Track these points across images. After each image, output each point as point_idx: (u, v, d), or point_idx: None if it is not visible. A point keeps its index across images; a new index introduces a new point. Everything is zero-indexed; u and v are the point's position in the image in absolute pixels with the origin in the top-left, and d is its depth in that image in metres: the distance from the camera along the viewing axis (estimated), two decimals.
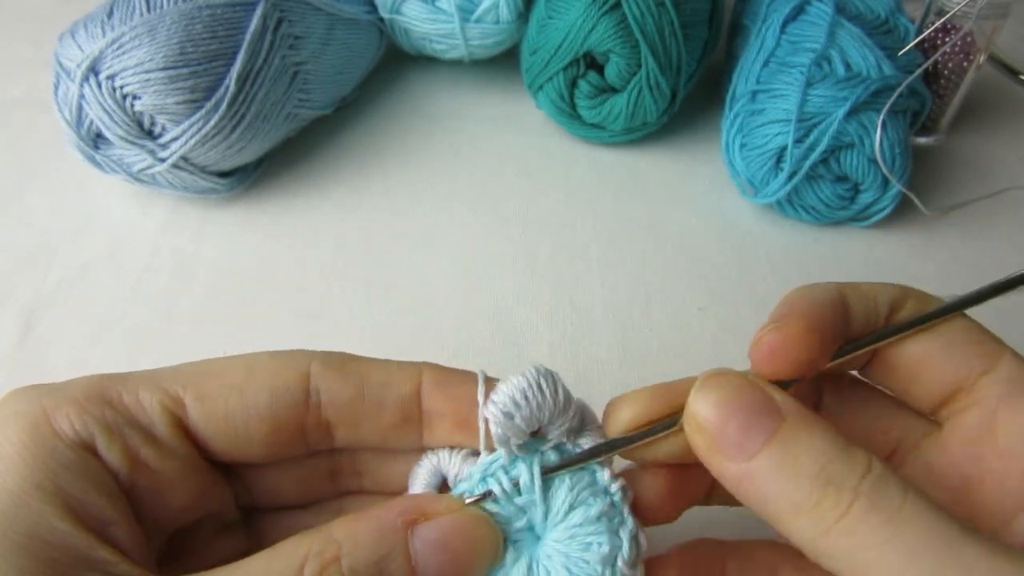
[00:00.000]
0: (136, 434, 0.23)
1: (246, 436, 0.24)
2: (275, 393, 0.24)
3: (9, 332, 0.44)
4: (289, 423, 0.25)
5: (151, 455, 0.23)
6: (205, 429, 0.24)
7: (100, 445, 0.23)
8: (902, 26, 0.51)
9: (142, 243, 0.49)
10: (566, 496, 0.25)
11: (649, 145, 0.56)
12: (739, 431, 0.22)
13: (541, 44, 0.52)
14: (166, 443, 0.24)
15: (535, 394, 0.25)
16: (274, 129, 0.51)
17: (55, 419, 0.22)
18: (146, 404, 0.24)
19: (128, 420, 0.23)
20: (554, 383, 0.25)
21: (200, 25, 0.45)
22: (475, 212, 0.52)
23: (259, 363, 0.25)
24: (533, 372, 0.25)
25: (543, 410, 0.25)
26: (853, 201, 0.49)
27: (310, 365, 0.25)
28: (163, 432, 0.24)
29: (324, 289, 0.47)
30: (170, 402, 0.24)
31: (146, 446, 0.23)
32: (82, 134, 0.46)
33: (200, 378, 0.25)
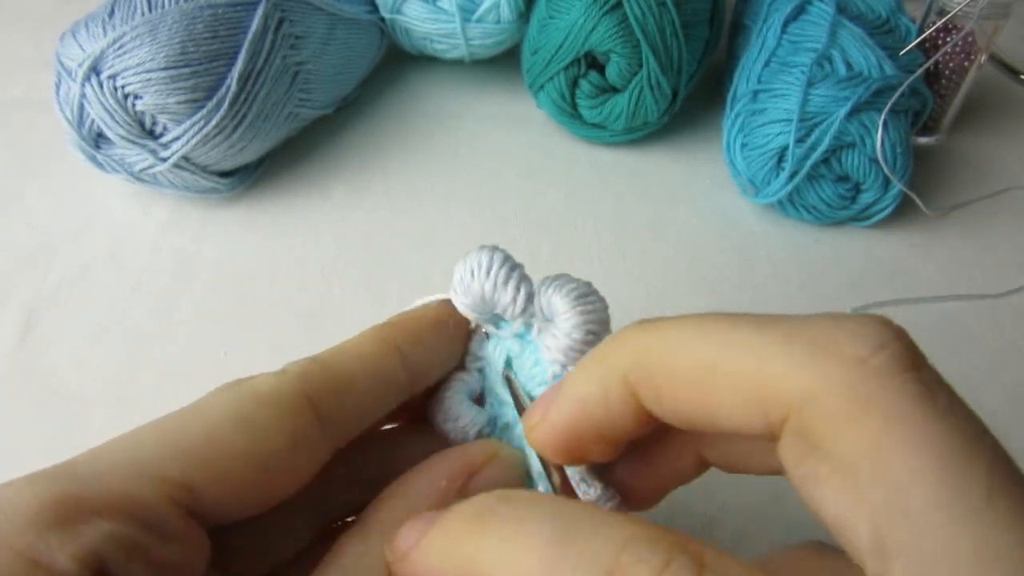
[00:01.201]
0: (151, 537, 0.19)
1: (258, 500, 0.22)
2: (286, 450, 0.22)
3: (9, 332, 0.44)
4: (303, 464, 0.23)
5: (166, 553, 0.20)
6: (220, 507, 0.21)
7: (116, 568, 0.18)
8: (903, 26, 0.51)
9: (143, 243, 0.49)
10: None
11: (650, 145, 0.56)
12: None
13: (542, 44, 0.52)
14: (179, 537, 0.20)
15: (466, 277, 0.25)
16: (275, 129, 0.51)
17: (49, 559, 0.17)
18: (151, 502, 0.19)
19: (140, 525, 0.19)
20: (488, 264, 0.25)
21: (201, 25, 0.45)
22: (475, 212, 0.52)
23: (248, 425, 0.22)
24: (472, 254, 0.25)
25: (476, 296, 0.25)
26: (854, 201, 0.49)
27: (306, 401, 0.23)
28: (176, 528, 0.20)
29: (324, 289, 0.47)
30: (179, 494, 0.20)
31: (161, 546, 0.19)
32: (83, 134, 0.46)
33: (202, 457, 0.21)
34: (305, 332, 0.44)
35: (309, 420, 0.22)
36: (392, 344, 0.25)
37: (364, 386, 0.24)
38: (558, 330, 0.24)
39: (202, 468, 0.20)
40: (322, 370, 0.24)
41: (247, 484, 0.21)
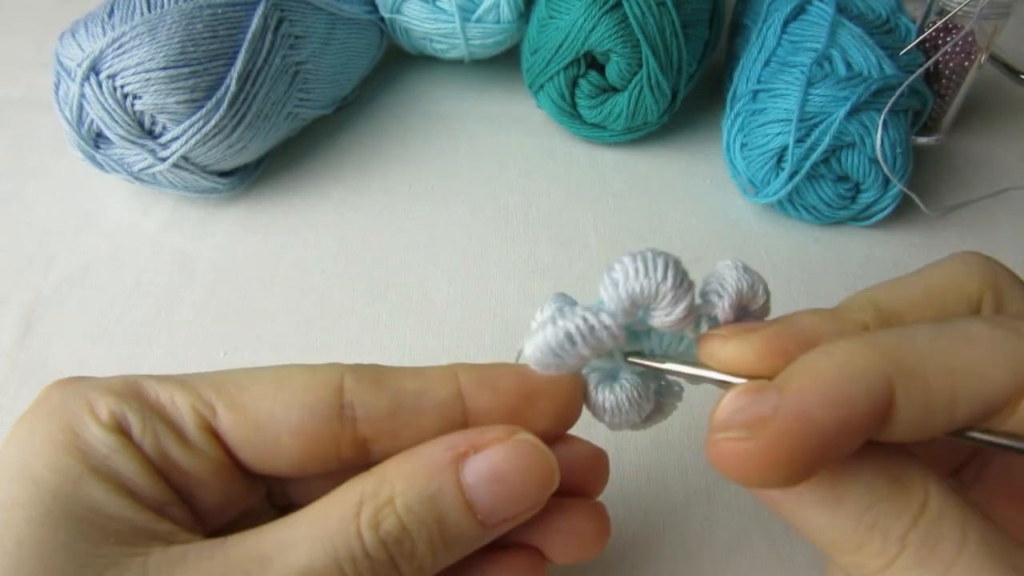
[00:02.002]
0: (167, 432, 0.23)
1: (276, 450, 0.24)
2: (308, 408, 0.24)
3: (9, 332, 0.44)
4: (323, 440, 0.24)
5: (180, 454, 0.23)
6: (235, 439, 0.24)
7: (135, 436, 0.23)
8: (903, 26, 0.51)
9: (142, 243, 0.49)
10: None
11: (650, 145, 0.56)
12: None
13: (542, 44, 0.52)
14: (196, 444, 0.23)
15: (653, 271, 0.24)
16: (274, 129, 0.51)
17: (97, 408, 0.23)
18: (179, 405, 0.24)
19: (161, 417, 0.23)
20: (677, 270, 0.24)
21: (201, 24, 0.45)
22: (475, 212, 0.52)
23: (292, 376, 0.24)
24: (661, 255, 0.24)
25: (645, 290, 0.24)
26: (854, 201, 0.49)
27: (343, 378, 0.24)
28: (193, 434, 0.23)
29: (324, 288, 0.47)
30: (202, 406, 0.24)
31: (176, 445, 0.23)
32: (83, 133, 0.46)
33: (233, 387, 0.24)
34: (305, 332, 0.44)
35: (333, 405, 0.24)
36: (453, 372, 0.26)
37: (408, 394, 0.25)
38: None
39: (229, 392, 0.24)
40: (371, 370, 0.25)
41: (270, 433, 0.23)
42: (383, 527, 0.21)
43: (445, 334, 0.44)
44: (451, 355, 0.43)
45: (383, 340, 0.44)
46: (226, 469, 0.24)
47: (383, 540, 0.21)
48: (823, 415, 0.18)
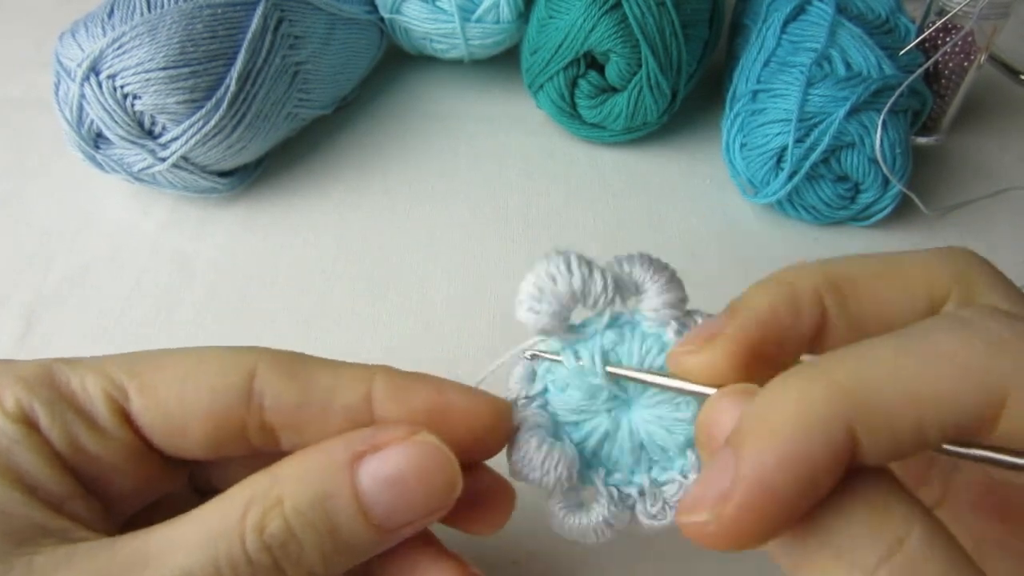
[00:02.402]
0: (77, 419, 0.23)
1: (184, 432, 0.24)
2: (216, 392, 0.23)
3: (9, 332, 0.44)
4: (229, 424, 0.24)
5: (91, 440, 0.23)
6: (145, 421, 0.23)
7: (43, 425, 0.22)
8: (903, 26, 0.51)
9: (142, 243, 0.49)
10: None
11: (649, 145, 0.56)
12: None
13: (541, 44, 0.52)
14: (107, 430, 0.23)
15: (547, 283, 0.24)
16: (274, 129, 0.51)
17: (3, 397, 0.22)
18: (90, 390, 0.23)
19: (70, 404, 0.23)
20: (567, 265, 0.24)
21: (200, 25, 0.45)
22: (475, 212, 0.52)
23: (206, 358, 0.24)
24: (543, 261, 0.25)
25: (565, 296, 0.24)
26: (853, 201, 0.49)
27: (256, 365, 0.24)
28: (104, 419, 0.23)
29: (324, 289, 0.47)
30: (114, 390, 0.23)
31: (86, 431, 0.23)
32: (82, 134, 0.46)
33: (147, 369, 0.24)
34: (305, 332, 0.44)
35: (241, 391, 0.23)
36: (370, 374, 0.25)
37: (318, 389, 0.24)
38: (656, 293, 0.25)
39: (141, 375, 0.23)
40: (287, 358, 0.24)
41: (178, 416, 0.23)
42: (268, 530, 0.20)
43: (445, 334, 0.44)
44: (451, 355, 0.43)
45: (383, 340, 0.44)
46: (140, 453, 0.24)
47: (267, 544, 0.20)
48: (783, 479, 0.17)
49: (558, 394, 0.26)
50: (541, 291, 0.24)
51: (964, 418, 0.17)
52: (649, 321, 0.25)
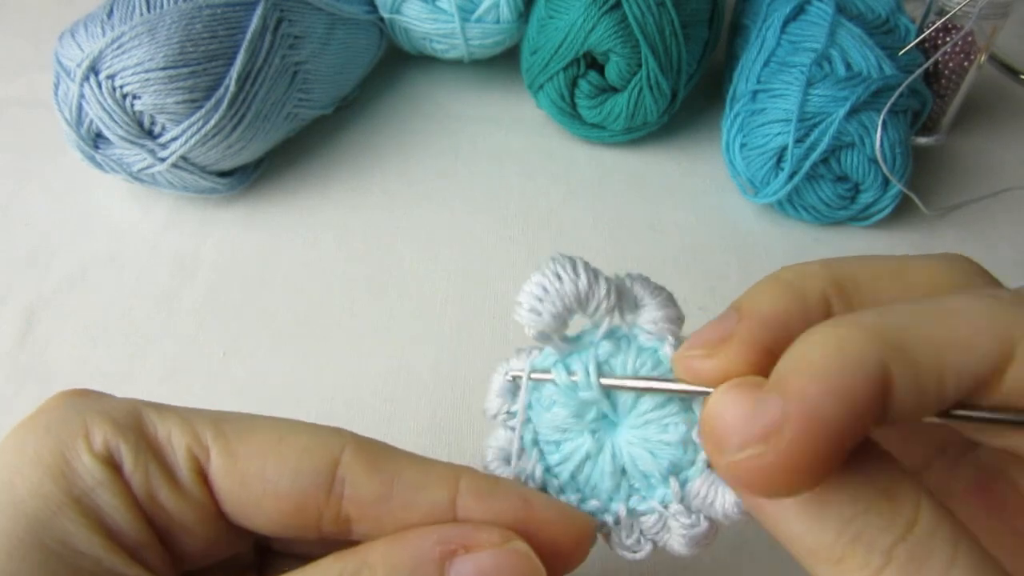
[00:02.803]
0: (159, 471, 0.22)
1: (258, 508, 0.23)
2: (299, 475, 0.23)
3: (9, 332, 0.44)
4: (306, 509, 0.23)
5: (169, 497, 0.22)
6: (222, 486, 0.23)
7: (126, 470, 0.22)
8: (903, 26, 0.51)
9: (142, 243, 0.49)
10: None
11: (649, 145, 0.56)
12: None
13: (541, 44, 0.52)
14: (186, 488, 0.23)
15: (553, 283, 0.24)
16: (274, 129, 0.51)
17: (92, 434, 0.22)
18: (174, 443, 0.23)
19: (154, 453, 0.22)
20: (573, 266, 0.24)
21: (200, 25, 0.45)
22: (475, 212, 0.52)
23: (292, 435, 0.23)
24: (548, 262, 0.24)
25: (566, 297, 0.24)
26: (853, 201, 0.49)
27: (343, 451, 0.23)
28: (184, 475, 0.23)
29: (324, 288, 0.47)
30: (197, 448, 0.23)
31: (166, 486, 0.22)
32: (82, 134, 0.46)
33: (232, 432, 0.23)
34: (305, 332, 0.44)
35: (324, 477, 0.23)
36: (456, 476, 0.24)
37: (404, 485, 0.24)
38: (656, 307, 0.25)
39: (226, 439, 0.23)
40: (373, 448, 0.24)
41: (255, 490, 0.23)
42: None
43: (445, 334, 0.44)
44: (451, 355, 0.43)
45: (383, 340, 0.44)
46: (213, 516, 0.23)
47: None
48: (832, 410, 0.17)
49: (542, 412, 0.25)
50: (545, 290, 0.24)
51: (978, 365, 0.18)
52: (646, 335, 0.24)
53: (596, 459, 0.24)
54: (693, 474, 0.24)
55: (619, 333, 0.25)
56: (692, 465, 0.24)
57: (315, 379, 0.42)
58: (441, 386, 0.41)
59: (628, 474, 0.24)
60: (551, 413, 0.24)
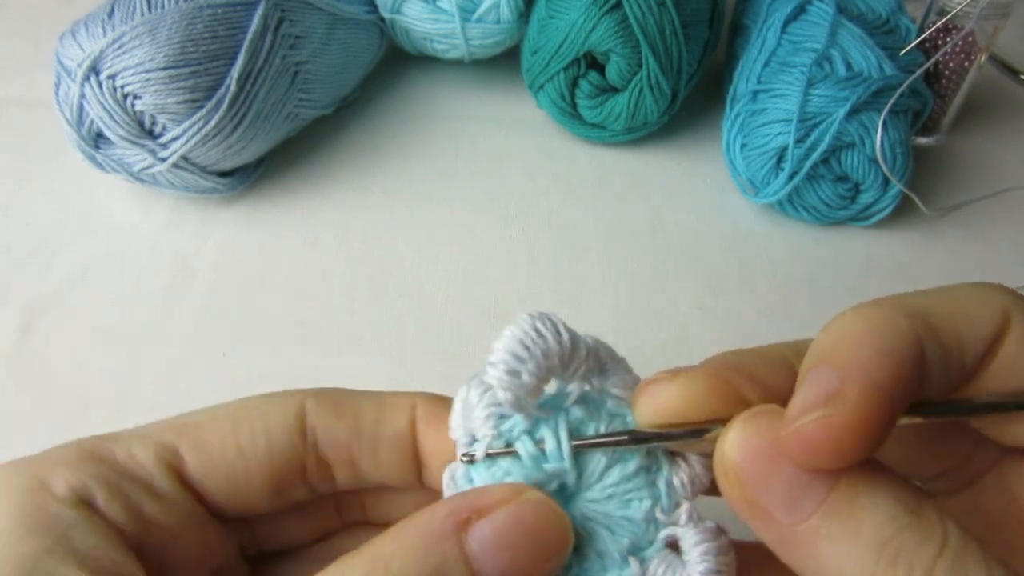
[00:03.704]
0: (136, 489, 0.22)
1: (247, 483, 0.23)
2: (271, 436, 0.23)
3: (9, 332, 0.44)
4: (290, 465, 0.23)
5: (155, 509, 0.22)
6: (204, 480, 0.23)
7: (101, 503, 0.22)
8: (903, 26, 0.51)
9: (142, 243, 0.49)
10: (601, 456, 0.22)
11: (650, 145, 0.56)
12: (787, 486, 0.18)
13: (542, 44, 0.52)
14: (168, 496, 0.23)
15: (535, 341, 0.22)
16: (275, 129, 0.51)
17: (51, 483, 0.22)
18: (141, 458, 0.23)
19: (126, 475, 0.22)
20: (553, 324, 0.22)
21: (201, 25, 0.45)
22: (475, 212, 0.52)
23: (251, 407, 0.24)
24: (527, 319, 0.22)
25: (550, 357, 0.22)
26: (854, 201, 0.49)
27: (304, 404, 0.24)
28: (163, 485, 0.23)
29: (324, 289, 0.47)
30: (166, 454, 0.23)
31: (149, 500, 0.22)
32: (83, 134, 0.46)
33: (192, 428, 0.23)
34: (305, 332, 0.44)
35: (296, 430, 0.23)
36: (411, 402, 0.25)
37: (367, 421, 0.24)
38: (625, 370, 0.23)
39: (189, 434, 0.23)
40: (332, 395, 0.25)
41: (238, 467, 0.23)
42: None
43: (445, 334, 0.44)
44: (451, 355, 0.43)
45: (383, 340, 0.44)
46: (198, 518, 0.23)
47: None
48: (885, 374, 0.18)
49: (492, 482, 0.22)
50: (527, 348, 0.21)
51: (985, 331, 0.19)
52: (614, 399, 0.23)
53: None
54: (650, 554, 0.22)
55: (589, 397, 0.23)
56: (651, 545, 0.22)
57: (315, 379, 0.41)
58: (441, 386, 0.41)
59: (583, 552, 0.22)
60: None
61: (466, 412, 0.23)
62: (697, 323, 0.45)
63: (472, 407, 0.22)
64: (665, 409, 0.21)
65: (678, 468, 0.22)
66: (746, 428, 0.19)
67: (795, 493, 0.18)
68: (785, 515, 0.18)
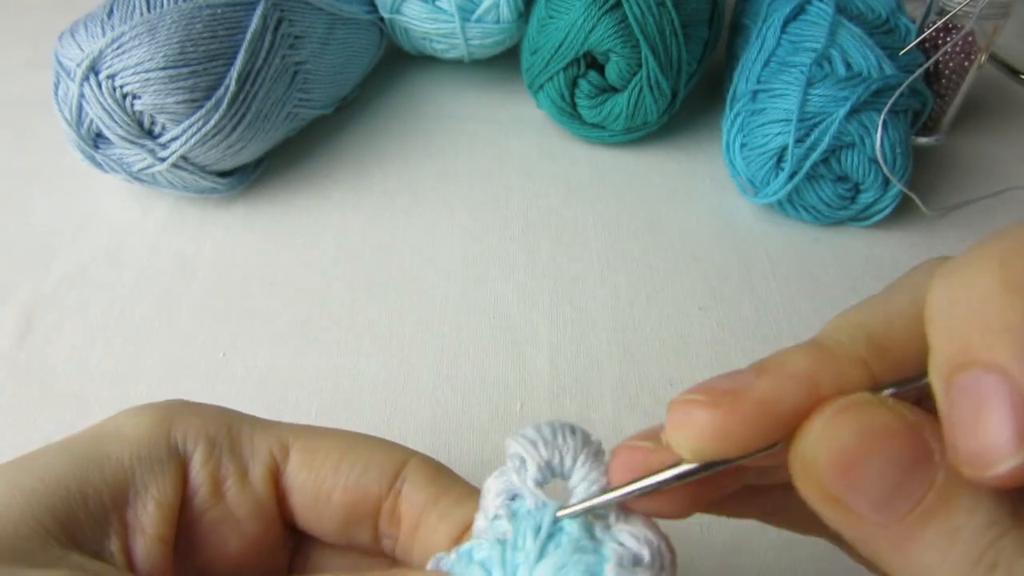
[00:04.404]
0: (232, 462, 0.24)
1: (327, 504, 0.25)
2: (368, 470, 0.24)
3: (9, 332, 0.44)
4: (369, 501, 0.25)
5: (234, 486, 0.24)
6: (294, 483, 0.25)
7: (196, 461, 0.24)
8: (903, 26, 0.51)
9: (142, 243, 0.49)
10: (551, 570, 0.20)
11: (649, 145, 0.56)
12: (879, 485, 0.16)
13: (541, 44, 0.52)
14: (254, 481, 0.24)
15: (551, 435, 0.22)
16: (274, 129, 0.51)
17: (176, 425, 0.24)
18: (256, 441, 0.25)
19: (232, 448, 0.24)
20: (573, 429, 0.23)
21: (200, 25, 0.45)
22: (475, 212, 0.52)
23: (364, 439, 0.26)
24: (550, 421, 0.23)
25: (560, 451, 0.22)
26: (854, 201, 0.49)
27: (409, 460, 0.25)
28: (257, 471, 0.24)
29: (324, 289, 0.47)
30: (278, 449, 0.25)
31: (234, 476, 0.24)
32: (82, 134, 0.46)
33: (310, 435, 0.25)
34: (305, 332, 0.44)
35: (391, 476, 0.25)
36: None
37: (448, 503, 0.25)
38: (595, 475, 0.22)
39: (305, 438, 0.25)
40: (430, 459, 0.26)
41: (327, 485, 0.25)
42: None
43: (445, 334, 0.44)
44: (450, 355, 0.43)
45: (383, 340, 0.44)
46: (268, 516, 0.25)
47: None
48: None
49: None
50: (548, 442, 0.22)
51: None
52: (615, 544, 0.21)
53: None
54: None
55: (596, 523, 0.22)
56: None
57: (315, 379, 0.42)
58: (441, 386, 0.41)
59: None
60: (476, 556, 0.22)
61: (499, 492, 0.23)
62: (697, 323, 0.45)
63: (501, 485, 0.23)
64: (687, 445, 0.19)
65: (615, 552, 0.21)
66: (833, 425, 0.17)
67: (888, 492, 0.17)
68: (875, 514, 0.17)
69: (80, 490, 0.22)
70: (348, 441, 0.25)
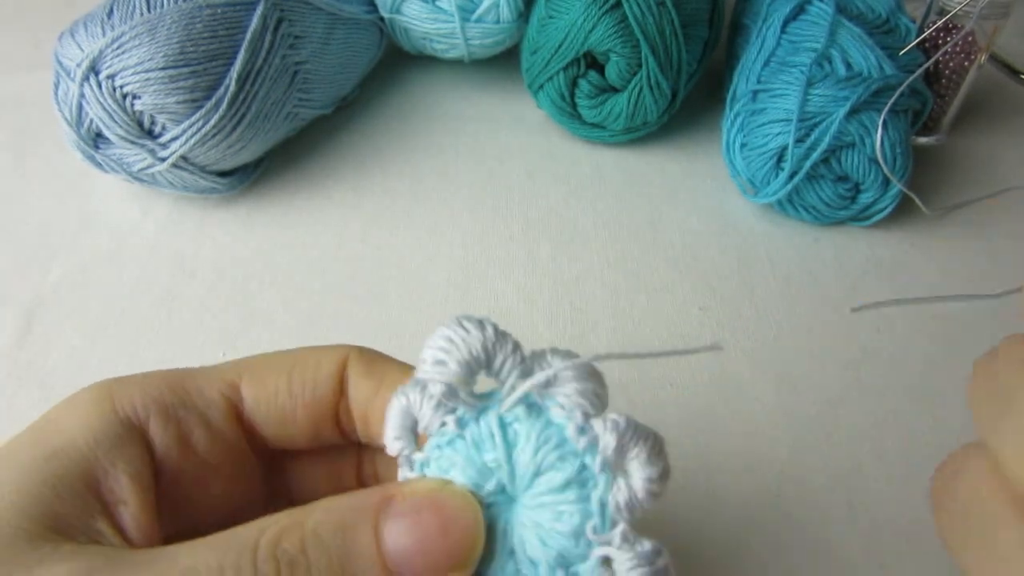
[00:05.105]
0: (191, 416, 0.25)
1: (293, 421, 0.26)
2: (318, 382, 0.26)
3: (9, 332, 0.44)
4: (329, 410, 0.26)
5: (202, 437, 0.25)
6: (257, 414, 0.26)
7: (154, 427, 0.24)
8: (903, 26, 0.51)
9: (142, 243, 0.49)
10: (530, 460, 0.22)
11: (649, 145, 0.56)
12: None
13: (541, 44, 0.52)
14: (218, 427, 0.25)
15: (458, 333, 0.24)
16: (274, 129, 0.51)
17: (118, 399, 0.24)
18: (205, 391, 0.25)
19: (185, 403, 0.25)
20: (478, 320, 0.24)
21: (200, 24, 0.45)
22: (475, 212, 0.52)
23: (303, 354, 0.27)
24: (451, 318, 0.24)
25: (476, 347, 0.23)
26: (854, 201, 0.49)
27: (348, 356, 0.26)
28: (217, 416, 0.25)
29: (324, 289, 0.47)
30: (228, 389, 0.26)
31: (199, 428, 0.25)
32: (82, 133, 0.46)
33: (255, 367, 0.26)
34: (305, 332, 0.44)
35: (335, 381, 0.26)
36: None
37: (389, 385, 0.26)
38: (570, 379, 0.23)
39: (251, 370, 0.26)
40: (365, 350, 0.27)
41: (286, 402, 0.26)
42: (282, 545, 0.20)
43: None
44: None
45: (383, 340, 0.44)
46: (241, 454, 0.26)
47: (277, 557, 0.20)
48: None
49: (440, 475, 0.23)
50: (451, 341, 0.24)
51: None
52: (558, 408, 0.22)
53: (487, 535, 0.22)
54: (584, 571, 0.21)
55: (530, 399, 0.23)
56: (583, 560, 0.21)
57: None
58: None
59: (516, 557, 0.22)
60: (449, 477, 0.22)
61: (404, 417, 0.23)
62: (697, 323, 0.45)
63: (413, 407, 0.23)
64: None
65: (615, 490, 0.22)
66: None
67: None
68: None
69: (48, 489, 0.22)
70: (289, 360, 0.26)
